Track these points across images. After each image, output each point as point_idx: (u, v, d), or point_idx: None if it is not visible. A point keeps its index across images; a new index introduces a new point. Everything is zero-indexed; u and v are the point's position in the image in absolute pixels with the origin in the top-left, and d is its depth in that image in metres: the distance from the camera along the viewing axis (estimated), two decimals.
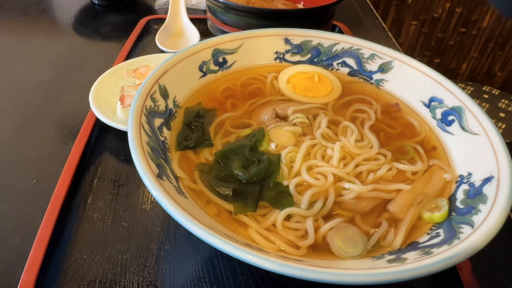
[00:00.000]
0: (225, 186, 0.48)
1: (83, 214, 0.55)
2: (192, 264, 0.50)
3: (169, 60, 0.58)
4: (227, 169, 0.51)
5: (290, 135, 0.56)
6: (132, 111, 0.48)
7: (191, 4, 1.17)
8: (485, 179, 0.46)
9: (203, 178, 0.49)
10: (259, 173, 0.49)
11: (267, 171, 0.50)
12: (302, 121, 0.58)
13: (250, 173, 0.49)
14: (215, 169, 0.51)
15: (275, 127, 0.57)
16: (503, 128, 1.60)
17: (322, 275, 0.34)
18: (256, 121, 0.59)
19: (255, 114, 0.61)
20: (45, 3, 1.19)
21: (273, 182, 0.49)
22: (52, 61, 0.90)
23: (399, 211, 0.47)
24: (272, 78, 0.68)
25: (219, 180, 0.49)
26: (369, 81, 0.69)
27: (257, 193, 0.48)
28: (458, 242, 0.38)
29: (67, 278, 0.47)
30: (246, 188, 0.48)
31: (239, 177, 0.49)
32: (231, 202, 0.47)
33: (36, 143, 0.67)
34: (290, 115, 0.60)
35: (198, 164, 0.51)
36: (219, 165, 0.51)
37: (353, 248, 0.43)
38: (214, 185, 0.48)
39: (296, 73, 0.69)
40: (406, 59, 0.65)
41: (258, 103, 0.63)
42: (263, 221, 0.46)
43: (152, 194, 0.39)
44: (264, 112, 0.60)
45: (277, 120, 0.59)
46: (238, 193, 0.48)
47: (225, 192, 0.47)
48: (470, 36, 2.16)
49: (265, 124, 0.58)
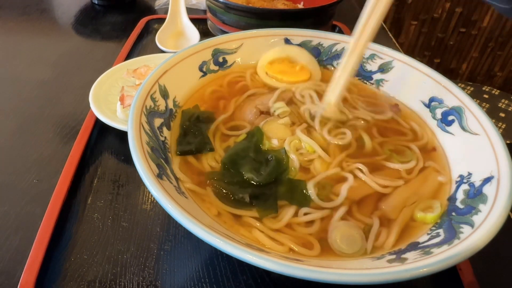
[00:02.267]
0: (242, 192, 0.47)
1: (83, 214, 0.55)
2: (192, 264, 0.50)
3: (169, 60, 0.58)
4: (238, 174, 0.50)
5: (284, 127, 0.56)
6: (132, 111, 0.48)
7: (191, 4, 1.17)
8: (485, 179, 0.46)
9: (217, 187, 0.48)
10: (271, 173, 0.49)
11: (278, 169, 0.50)
12: (284, 111, 0.59)
13: (263, 176, 0.49)
14: (227, 176, 0.50)
15: (266, 123, 0.57)
16: (503, 128, 1.59)
17: (322, 275, 0.34)
18: (245, 121, 0.59)
19: (239, 114, 0.61)
20: (45, 3, 1.19)
21: (285, 179, 0.49)
22: (52, 61, 0.90)
23: (391, 211, 0.47)
24: (251, 73, 0.68)
25: (234, 186, 0.48)
26: (369, 81, 0.69)
27: (274, 194, 0.48)
28: (458, 242, 0.38)
29: (67, 278, 0.47)
30: (262, 190, 0.48)
31: (253, 181, 0.49)
32: (250, 207, 0.46)
33: (36, 143, 0.67)
34: (271, 107, 0.60)
35: (208, 174, 0.50)
36: (229, 171, 0.51)
37: (348, 247, 0.43)
38: (229, 192, 0.48)
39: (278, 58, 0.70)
40: (406, 59, 0.65)
41: (238, 101, 0.63)
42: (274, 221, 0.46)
43: (152, 194, 0.39)
44: (247, 111, 0.60)
45: (263, 116, 0.59)
46: (257, 196, 0.47)
47: (242, 198, 0.47)
48: (470, 36, 2.16)
49: (254, 123, 0.58)
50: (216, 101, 0.63)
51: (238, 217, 0.46)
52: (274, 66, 0.68)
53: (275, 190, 0.48)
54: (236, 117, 0.60)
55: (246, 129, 0.57)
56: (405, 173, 0.52)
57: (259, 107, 0.60)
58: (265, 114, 0.59)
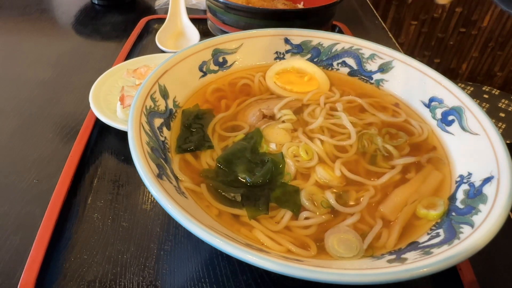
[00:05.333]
0: (234, 191, 0.48)
1: (83, 214, 0.55)
2: (192, 264, 0.50)
3: (169, 60, 0.58)
4: (232, 173, 0.50)
5: (284, 132, 0.57)
6: (132, 111, 0.48)
7: (191, 4, 1.17)
8: (485, 179, 0.46)
9: (210, 186, 0.49)
10: (265, 175, 0.49)
11: (272, 172, 0.50)
12: (290, 118, 0.59)
13: (256, 176, 0.49)
14: (220, 174, 0.50)
15: (267, 127, 0.57)
16: (503, 128, 1.59)
17: (322, 275, 0.34)
18: (246, 123, 0.59)
19: (242, 116, 0.61)
20: (45, 3, 1.19)
21: (279, 183, 0.49)
22: (52, 61, 0.90)
23: (389, 213, 0.47)
24: (259, 77, 0.68)
25: (226, 185, 0.49)
26: (369, 81, 0.69)
27: (266, 195, 0.48)
28: (458, 242, 0.38)
29: (67, 278, 0.47)
30: (255, 191, 0.48)
31: (246, 181, 0.49)
32: (241, 207, 0.46)
33: (36, 143, 0.67)
34: (276, 113, 0.60)
35: (203, 171, 0.51)
36: (224, 170, 0.51)
37: (345, 251, 0.43)
38: (222, 190, 0.48)
39: (284, 69, 0.70)
40: (406, 59, 0.65)
41: (244, 104, 0.63)
42: (272, 222, 0.46)
43: (152, 194, 0.39)
44: (251, 114, 0.60)
45: (266, 120, 0.59)
46: (248, 197, 0.47)
47: (233, 198, 0.47)
48: (470, 36, 2.16)
49: (255, 125, 0.58)
50: (217, 100, 0.63)
51: (238, 216, 0.46)
52: (283, 76, 0.68)
53: (268, 193, 0.48)
54: (239, 117, 0.61)
55: (244, 130, 0.57)
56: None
57: (263, 111, 0.60)
58: (268, 118, 0.59)
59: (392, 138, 0.57)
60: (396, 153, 0.55)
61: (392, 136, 0.58)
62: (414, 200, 0.49)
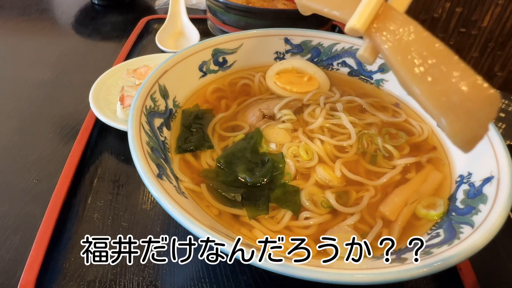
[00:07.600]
0: (234, 191, 0.48)
1: (83, 214, 0.55)
2: (192, 264, 0.50)
3: (169, 60, 0.58)
4: (232, 173, 0.50)
5: (284, 132, 0.56)
6: (132, 111, 0.48)
7: (191, 4, 1.17)
8: (485, 179, 0.46)
9: (210, 186, 0.49)
10: (265, 175, 0.49)
11: (272, 172, 0.50)
12: (290, 118, 0.59)
13: (256, 176, 0.49)
14: (220, 174, 0.50)
15: (267, 127, 0.57)
16: (503, 128, 1.59)
17: (322, 275, 0.34)
18: (246, 123, 0.59)
19: (242, 116, 0.61)
20: (45, 3, 1.19)
21: (279, 183, 0.49)
22: (52, 61, 0.90)
23: (389, 213, 0.47)
24: (259, 77, 0.68)
25: (226, 185, 0.49)
26: (369, 81, 0.69)
27: (266, 195, 0.48)
28: (458, 242, 0.38)
29: (67, 278, 0.47)
30: (255, 191, 0.48)
31: (246, 181, 0.49)
32: (241, 207, 0.46)
33: (36, 143, 0.67)
34: (276, 113, 0.60)
35: (203, 171, 0.51)
36: (224, 170, 0.51)
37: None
38: (222, 190, 0.48)
39: (284, 69, 0.70)
40: None
41: (244, 104, 0.63)
42: (272, 222, 0.46)
43: (152, 194, 0.39)
44: (251, 114, 0.60)
45: (266, 120, 0.59)
46: (248, 197, 0.47)
47: (233, 198, 0.47)
48: (470, 36, 2.16)
49: (255, 125, 0.58)
50: (217, 100, 0.63)
51: (238, 216, 0.46)
52: (283, 76, 0.68)
53: (268, 193, 0.48)
54: (239, 117, 0.61)
55: (244, 130, 0.57)
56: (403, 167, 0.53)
57: (263, 111, 0.60)
58: (268, 118, 0.59)
59: (392, 138, 0.57)
60: (396, 153, 0.55)
61: (392, 136, 0.58)
62: (414, 200, 0.49)
